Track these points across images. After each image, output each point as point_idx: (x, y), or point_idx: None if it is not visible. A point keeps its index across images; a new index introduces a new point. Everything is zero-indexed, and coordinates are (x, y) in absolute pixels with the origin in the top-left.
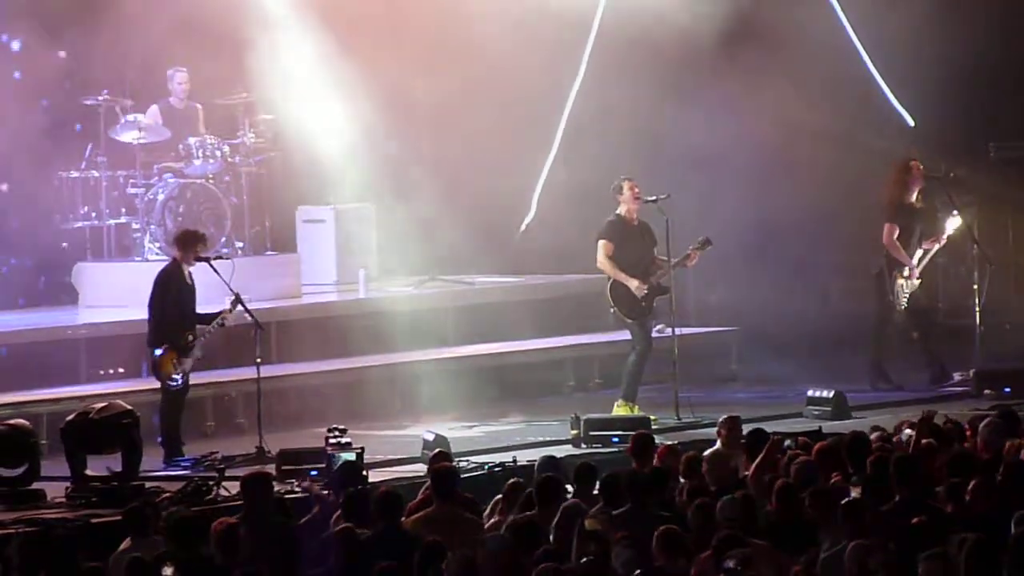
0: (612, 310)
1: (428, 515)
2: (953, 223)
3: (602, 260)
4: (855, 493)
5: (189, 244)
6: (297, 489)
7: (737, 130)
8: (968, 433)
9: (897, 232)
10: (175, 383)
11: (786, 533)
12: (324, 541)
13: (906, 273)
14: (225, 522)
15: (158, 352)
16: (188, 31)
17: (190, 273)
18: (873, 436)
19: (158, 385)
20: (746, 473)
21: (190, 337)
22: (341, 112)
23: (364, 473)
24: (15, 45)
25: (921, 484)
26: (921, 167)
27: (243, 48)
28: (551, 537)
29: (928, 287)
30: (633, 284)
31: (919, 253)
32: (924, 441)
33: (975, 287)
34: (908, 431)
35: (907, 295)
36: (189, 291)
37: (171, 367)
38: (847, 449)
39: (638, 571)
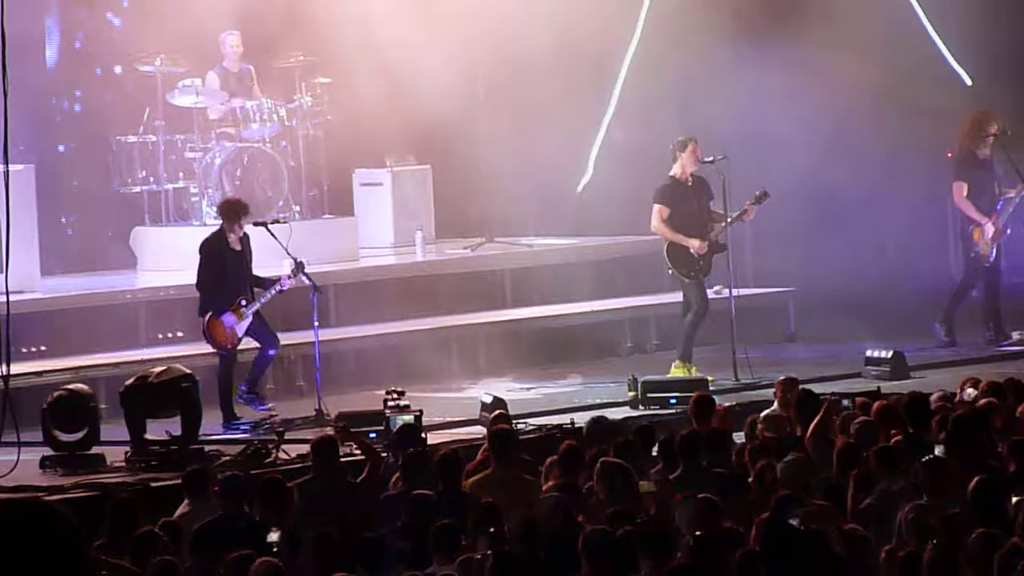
0: (670, 271)
1: (487, 477)
2: None
3: (657, 225)
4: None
5: (231, 213)
6: (356, 452)
7: (792, 91)
8: None
9: (966, 189)
10: (225, 349)
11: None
12: (387, 502)
13: (987, 230)
14: (271, 478)
15: (205, 319)
16: None
17: (241, 238)
18: (935, 395)
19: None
20: (800, 434)
21: (242, 302)
22: (399, 74)
23: (423, 435)
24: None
25: (983, 443)
26: (996, 122)
27: (299, 7)
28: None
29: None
30: (694, 244)
31: (1002, 203)
32: (985, 400)
33: None
34: (971, 390)
35: (993, 247)
36: (236, 258)
37: (220, 333)
38: (906, 408)
39: (698, 532)
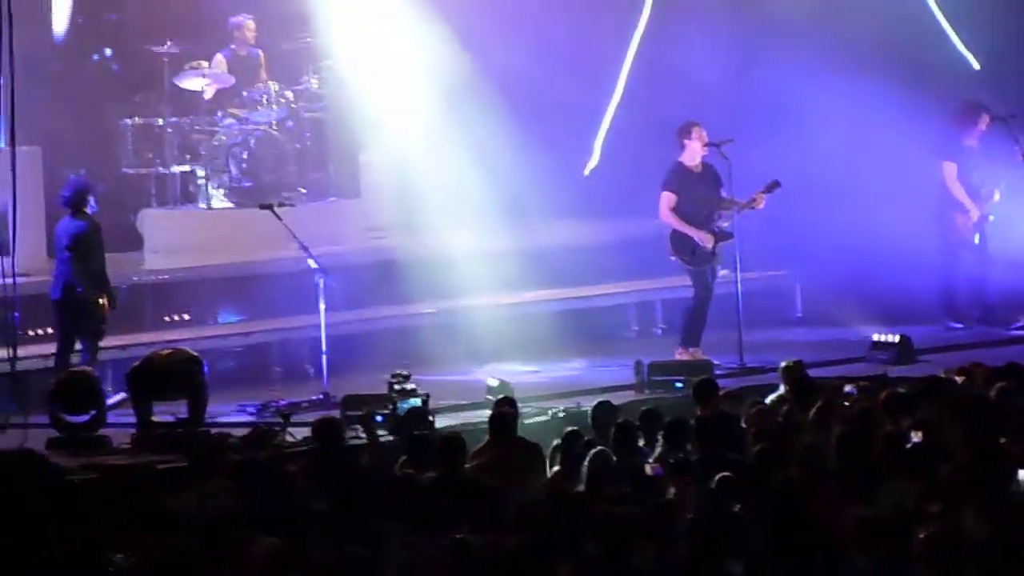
0: (672, 258)
1: (486, 460)
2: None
3: (665, 213)
4: (917, 438)
5: (85, 198)
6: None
7: (800, 80)
8: None
9: (955, 170)
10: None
11: (852, 478)
12: (388, 483)
13: (973, 215)
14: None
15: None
16: None
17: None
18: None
19: (226, 331)
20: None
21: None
22: (407, 59)
23: (431, 418)
24: None
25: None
26: (987, 117)
27: None
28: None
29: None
30: (699, 236)
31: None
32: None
33: None
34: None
35: (975, 233)
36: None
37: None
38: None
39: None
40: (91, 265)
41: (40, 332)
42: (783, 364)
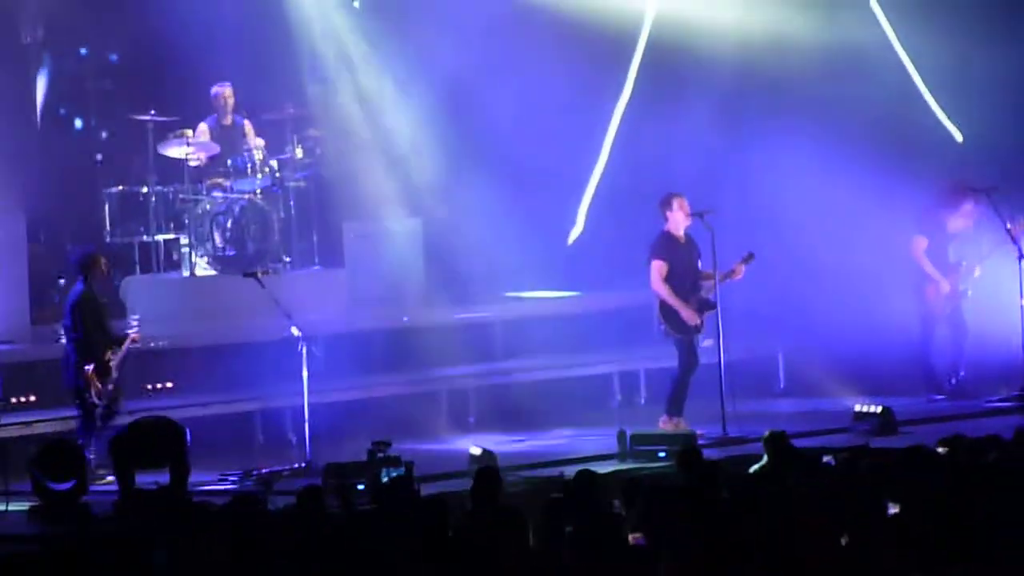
0: (661, 327)
1: (470, 526)
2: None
3: (657, 283)
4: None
5: (94, 265)
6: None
7: (781, 153)
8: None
9: (925, 244)
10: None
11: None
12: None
13: (943, 287)
14: None
15: (89, 368)
16: (235, 46)
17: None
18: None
19: (208, 400)
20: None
21: (108, 355)
22: (388, 127)
23: (415, 487)
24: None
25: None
26: (972, 200)
27: (289, 61)
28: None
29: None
30: (686, 313)
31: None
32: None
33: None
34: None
35: (947, 306)
36: (104, 310)
37: (95, 384)
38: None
39: None
40: (84, 332)
41: (22, 400)
42: (766, 433)
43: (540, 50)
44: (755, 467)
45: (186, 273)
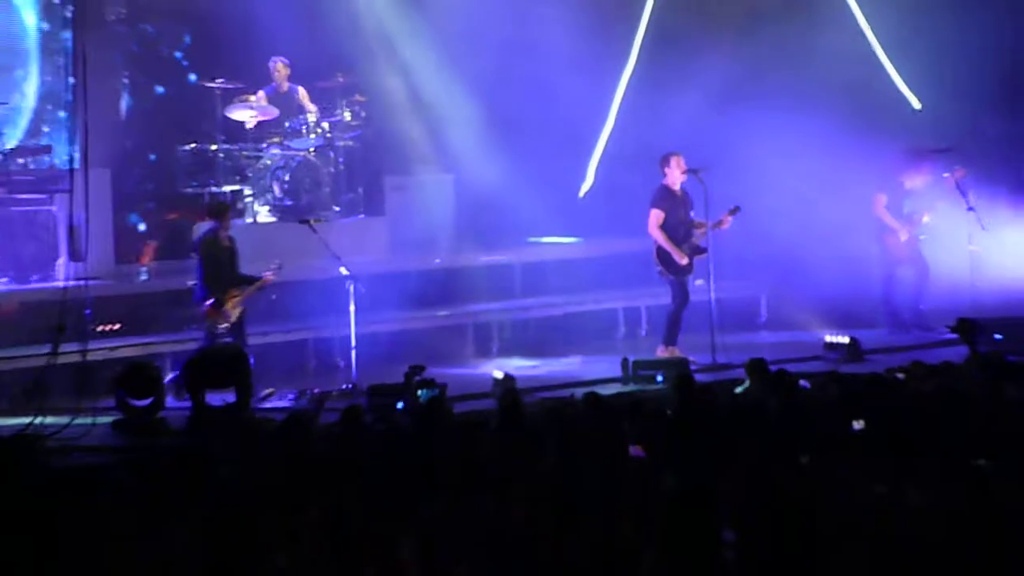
0: (658, 269)
1: (499, 442)
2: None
3: (654, 228)
4: (859, 425)
5: (222, 213)
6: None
7: (766, 120)
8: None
9: (885, 200)
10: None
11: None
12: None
13: (901, 236)
14: None
15: (206, 304)
16: (293, 21)
17: (230, 236)
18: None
19: (267, 329)
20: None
21: (234, 293)
22: (425, 93)
23: (449, 406)
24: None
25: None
26: (927, 165)
27: (341, 35)
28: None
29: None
30: (677, 255)
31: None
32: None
33: (970, 248)
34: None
35: (906, 252)
36: (228, 254)
37: (218, 317)
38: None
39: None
40: (202, 269)
41: (108, 328)
42: (748, 361)
43: (554, 20)
44: (739, 388)
45: (249, 220)
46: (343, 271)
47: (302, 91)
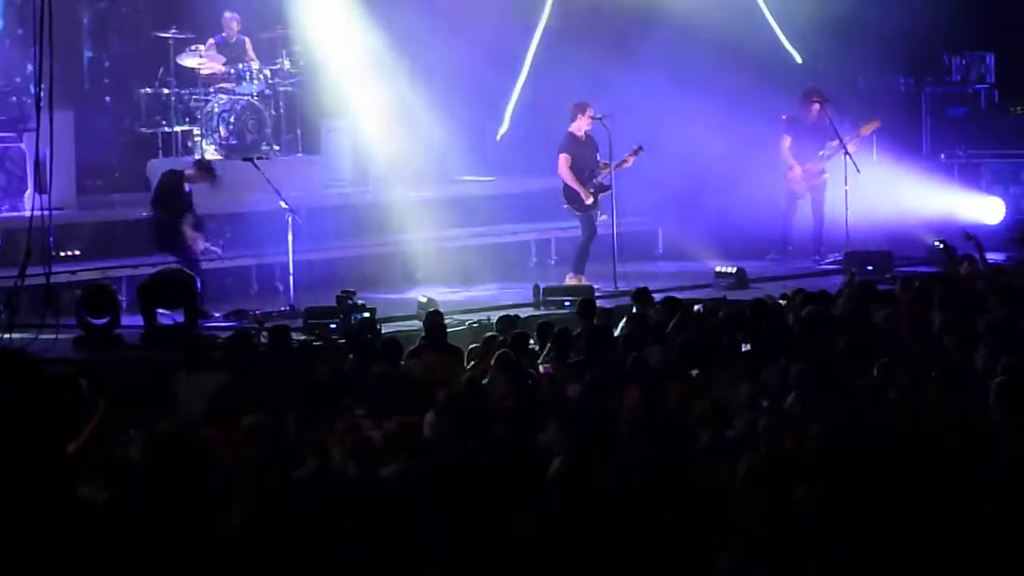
0: (565, 206)
1: (420, 359)
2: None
3: (563, 170)
4: (746, 347)
5: (209, 173)
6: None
7: (661, 83)
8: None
9: (788, 142)
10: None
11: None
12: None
13: (796, 171)
14: None
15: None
16: None
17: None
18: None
19: (213, 256)
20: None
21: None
22: (358, 46)
23: (377, 327)
24: None
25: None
26: (819, 99)
27: None
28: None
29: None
30: (583, 192)
31: (825, 154)
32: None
33: (846, 189)
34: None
35: (806, 186)
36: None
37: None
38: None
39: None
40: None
41: (69, 253)
42: (634, 289)
43: None
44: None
45: (197, 157)
46: (283, 204)
47: (248, 42)
